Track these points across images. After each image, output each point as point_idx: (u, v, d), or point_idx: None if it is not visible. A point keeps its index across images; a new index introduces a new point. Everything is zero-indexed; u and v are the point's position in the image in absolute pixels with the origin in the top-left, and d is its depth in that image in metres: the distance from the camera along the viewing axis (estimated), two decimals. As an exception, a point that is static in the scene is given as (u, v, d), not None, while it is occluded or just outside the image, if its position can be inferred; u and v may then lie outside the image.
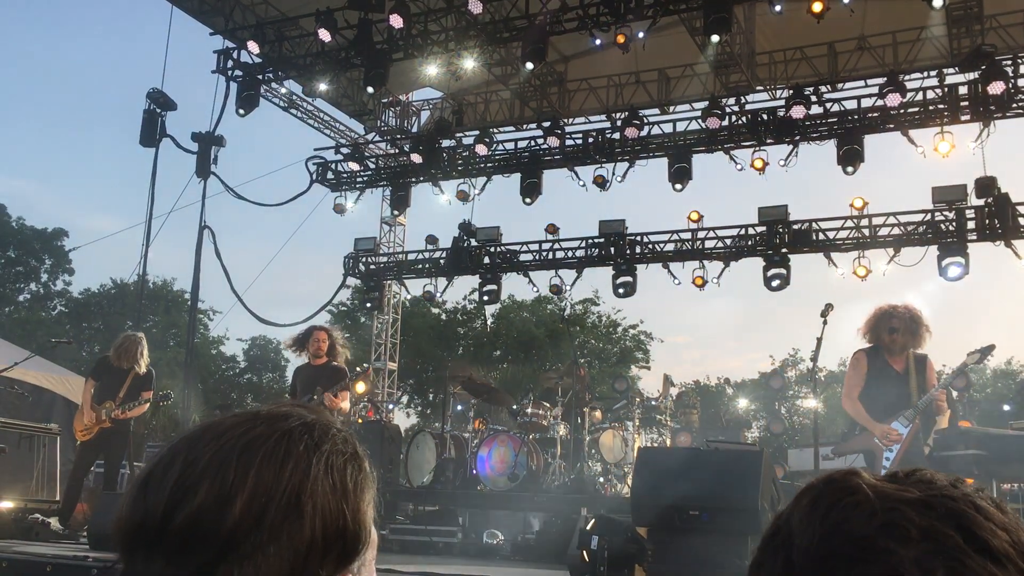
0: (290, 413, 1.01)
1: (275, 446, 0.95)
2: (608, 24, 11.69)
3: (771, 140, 13.18)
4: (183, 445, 0.98)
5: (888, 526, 0.79)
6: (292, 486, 0.93)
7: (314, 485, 0.95)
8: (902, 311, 6.72)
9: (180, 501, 0.92)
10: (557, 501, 9.55)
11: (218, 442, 0.96)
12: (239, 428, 0.98)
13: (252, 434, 0.96)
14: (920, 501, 0.81)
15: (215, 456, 0.94)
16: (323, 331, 8.97)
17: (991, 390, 33.08)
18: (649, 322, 35.05)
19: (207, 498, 0.91)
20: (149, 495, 0.94)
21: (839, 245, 13.22)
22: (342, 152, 15.80)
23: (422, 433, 11.72)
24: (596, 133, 14.38)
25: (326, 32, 12.21)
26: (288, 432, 0.98)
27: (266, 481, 0.93)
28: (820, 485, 0.88)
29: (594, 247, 14.60)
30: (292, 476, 0.94)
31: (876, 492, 0.83)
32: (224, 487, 0.91)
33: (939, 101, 12.38)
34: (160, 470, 0.96)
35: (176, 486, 0.93)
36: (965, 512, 0.80)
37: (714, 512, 6.42)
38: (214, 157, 13.16)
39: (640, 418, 11.73)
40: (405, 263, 16.49)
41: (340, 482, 0.97)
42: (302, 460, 0.96)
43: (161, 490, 0.93)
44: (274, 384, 38.96)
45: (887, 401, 6.61)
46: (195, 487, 0.92)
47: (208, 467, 0.93)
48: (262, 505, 0.91)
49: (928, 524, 0.78)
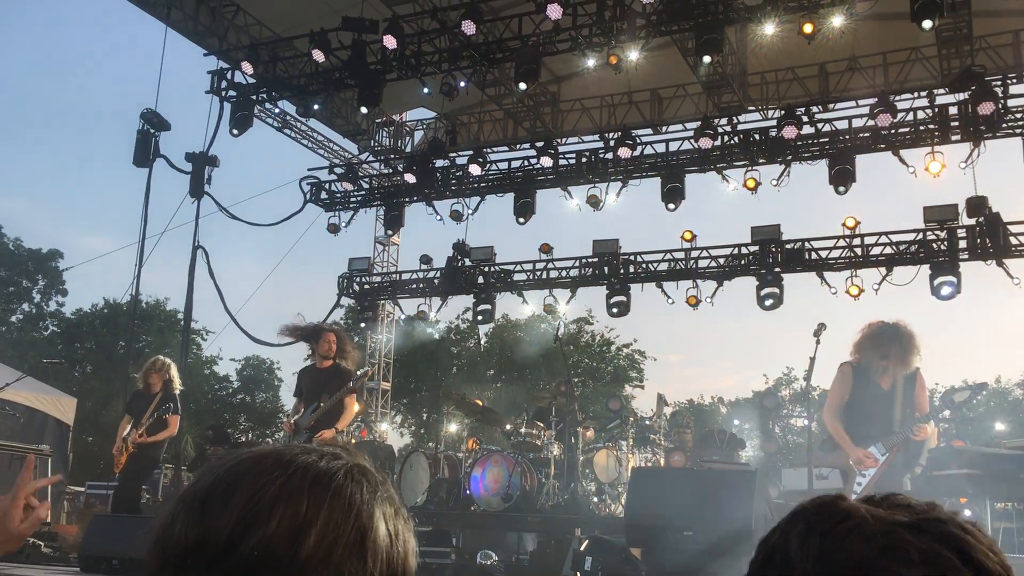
0: (338, 453, 1.02)
1: (342, 485, 0.96)
2: (601, 45, 11.76)
3: (763, 160, 13.25)
4: (244, 468, 0.97)
5: (889, 549, 0.80)
6: (359, 527, 0.94)
7: (376, 530, 0.96)
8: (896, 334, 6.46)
9: (251, 525, 0.91)
10: (551, 521, 9.51)
11: (285, 471, 0.95)
12: (301, 459, 0.98)
13: (316, 468, 0.97)
14: (913, 524, 0.82)
15: (286, 485, 0.94)
16: (332, 332, 8.67)
17: (984, 409, 33.10)
18: (642, 341, 34.99)
19: (280, 526, 0.91)
20: (210, 515, 0.93)
21: (832, 264, 13.26)
22: (336, 172, 15.83)
23: (415, 453, 11.68)
24: (589, 153, 14.43)
25: (320, 53, 12.25)
26: (349, 472, 0.98)
27: (336, 518, 0.93)
28: (812, 509, 0.88)
29: (588, 266, 14.63)
30: (359, 517, 0.95)
31: (871, 515, 0.84)
32: (297, 518, 0.91)
33: (929, 121, 12.46)
34: (221, 491, 0.94)
35: (246, 510, 0.92)
36: (958, 535, 0.82)
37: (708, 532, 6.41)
38: (208, 177, 13.16)
39: (634, 437, 11.68)
40: (399, 283, 16.49)
41: (395, 531, 0.98)
42: (367, 504, 0.97)
43: (226, 511, 0.92)
44: (267, 404, 38.81)
45: (869, 421, 6.39)
46: (268, 513, 0.91)
47: (280, 495, 0.93)
48: (332, 541, 0.92)
49: (927, 547, 0.80)
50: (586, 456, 11.12)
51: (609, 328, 34.28)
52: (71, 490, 15.20)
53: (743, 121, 13.86)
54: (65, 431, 14.17)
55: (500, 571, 8.79)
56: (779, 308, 13.23)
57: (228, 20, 13.72)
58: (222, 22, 13.63)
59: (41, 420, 13.55)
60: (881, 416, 6.39)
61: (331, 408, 8.18)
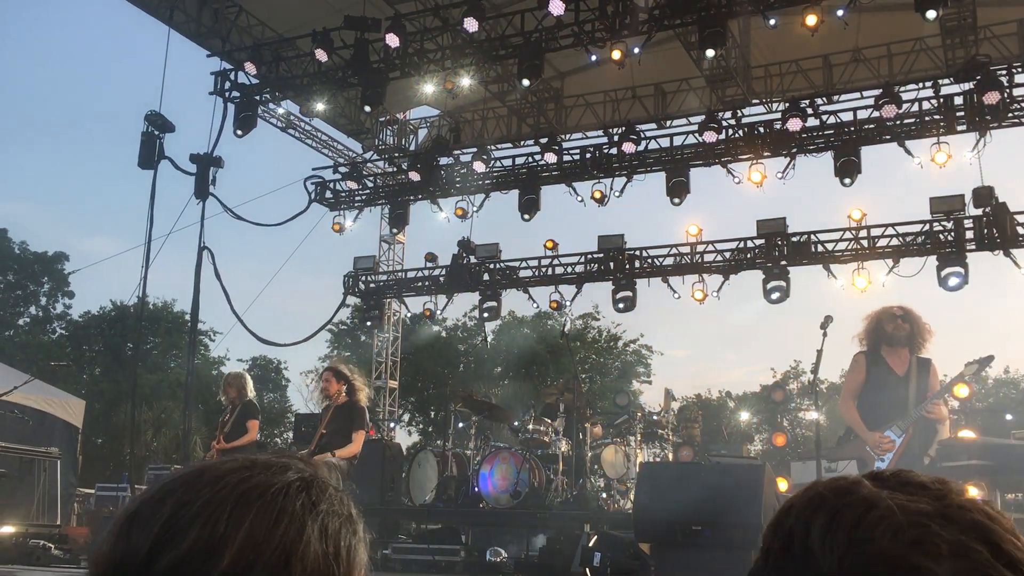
0: (289, 465, 0.98)
1: (272, 500, 0.92)
2: (604, 40, 11.73)
3: (768, 153, 13.21)
4: (177, 484, 0.94)
5: (918, 543, 0.78)
6: (284, 545, 0.90)
7: (306, 547, 0.91)
8: (900, 310, 6.60)
9: (167, 543, 0.88)
10: (560, 518, 9.52)
11: (214, 487, 0.92)
12: (237, 475, 0.94)
13: (249, 483, 0.93)
14: (939, 514, 0.80)
15: (209, 501, 0.90)
16: (328, 371, 8.42)
17: (993, 399, 33.00)
18: (649, 336, 34.98)
19: (195, 545, 0.87)
20: (134, 532, 0.90)
21: (838, 257, 13.23)
22: (340, 171, 15.84)
23: (424, 451, 11.68)
24: (593, 148, 14.40)
25: (323, 52, 12.24)
26: (286, 487, 0.94)
27: (257, 536, 0.89)
28: (832, 496, 0.85)
29: (593, 262, 14.61)
30: (285, 535, 0.90)
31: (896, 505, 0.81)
32: (214, 536, 0.88)
33: (935, 112, 12.41)
34: (148, 508, 0.92)
35: (164, 527, 0.89)
36: (986, 524, 0.80)
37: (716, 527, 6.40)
38: (212, 178, 13.15)
39: (642, 433, 11.69)
40: (405, 281, 16.49)
41: (334, 547, 0.93)
42: (296, 519, 0.92)
43: (147, 529, 0.89)
44: (275, 404, 38.88)
45: (884, 406, 6.46)
46: (184, 531, 0.88)
47: (200, 512, 0.89)
48: (250, 561, 0.88)
49: (956, 539, 0.78)
50: (594, 452, 11.12)
51: (615, 324, 34.31)
52: (81, 492, 15.26)
53: (747, 114, 13.84)
54: (74, 433, 14.21)
55: (510, 568, 8.80)
56: (786, 301, 13.21)
57: (231, 21, 13.72)
58: (224, 23, 13.63)
59: (50, 423, 13.59)
60: (896, 400, 6.46)
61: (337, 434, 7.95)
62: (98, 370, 35.27)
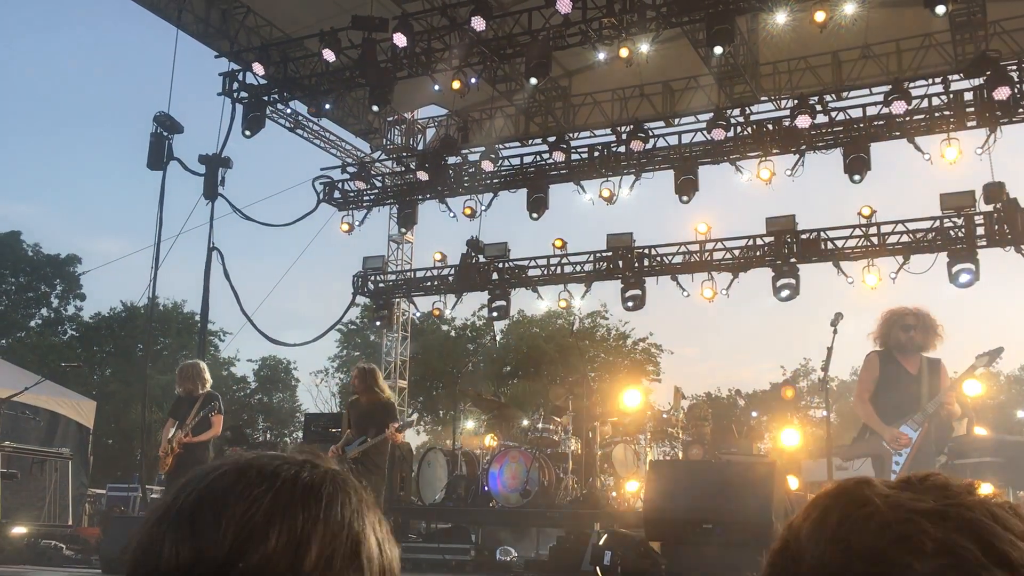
0: (314, 462, 1.00)
1: (333, 495, 0.95)
2: (611, 38, 11.71)
3: (777, 150, 13.18)
4: (228, 482, 0.94)
5: (902, 539, 0.76)
6: (352, 536, 0.94)
7: (368, 538, 0.95)
8: (914, 309, 6.65)
9: (248, 541, 0.89)
10: (570, 516, 9.51)
11: (272, 484, 0.93)
12: (284, 470, 0.96)
13: (303, 480, 0.95)
14: (935, 511, 0.78)
15: (276, 498, 0.92)
16: (355, 368, 9.05)
17: (1004, 397, 32.86)
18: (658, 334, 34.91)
19: (280, 541, 0.89)
20: (201, 532, 0.90)
21: (848, 254, 13.17)
22: (348, 171, 15.86)
23: (433, 450, 11.69)
24: (601, 147, 14.39)
25: (330, 52, 12.26)
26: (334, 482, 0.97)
27: (333, 530, 0.92)
28: (829, 496, 0.85)
29: (602, 261, 14.59)
30: (351, 528, 0.94)
31: (888, 502, 0.80)
32: (295, 531, 0.90)
33: (945, 108, 12.36)
34: (209, 507, 0.92)
35: (241, 526, 0.90)
36: (983, 522, 0.77)
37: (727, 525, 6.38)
38: (221, 179, 13.21)
39: (651, 431, 11.67)
40: (413, 280, 16.49)
41: (382, 539, 0.98)
42: (357, 513, 0.96)
43: (218, 528, 0.90)
44: (285, 404, 38.95)
45: (898, 404, 6.48)
46: (264, 528, 0.90)
47: (274, 509, 0.91)
48: (331, 552, 0.91)
49: (944, 536, 0.76)
50: (604, 450, 11.10)
51: (624, 322, 34.26)
52: (92, 492, 15.32)
53: (756, 112, 13.79)
54: (85, 434, 14.26)
55: (520, 567, 8.80)
56: (795, 299, 13.17)
57: (238, 22, 13.75)
58: (232, 24, 13.66)
59: (62, 423, 13.64)
60: (910, 398, 6.49)
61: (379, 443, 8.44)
62: (109, 371, 35.39)
